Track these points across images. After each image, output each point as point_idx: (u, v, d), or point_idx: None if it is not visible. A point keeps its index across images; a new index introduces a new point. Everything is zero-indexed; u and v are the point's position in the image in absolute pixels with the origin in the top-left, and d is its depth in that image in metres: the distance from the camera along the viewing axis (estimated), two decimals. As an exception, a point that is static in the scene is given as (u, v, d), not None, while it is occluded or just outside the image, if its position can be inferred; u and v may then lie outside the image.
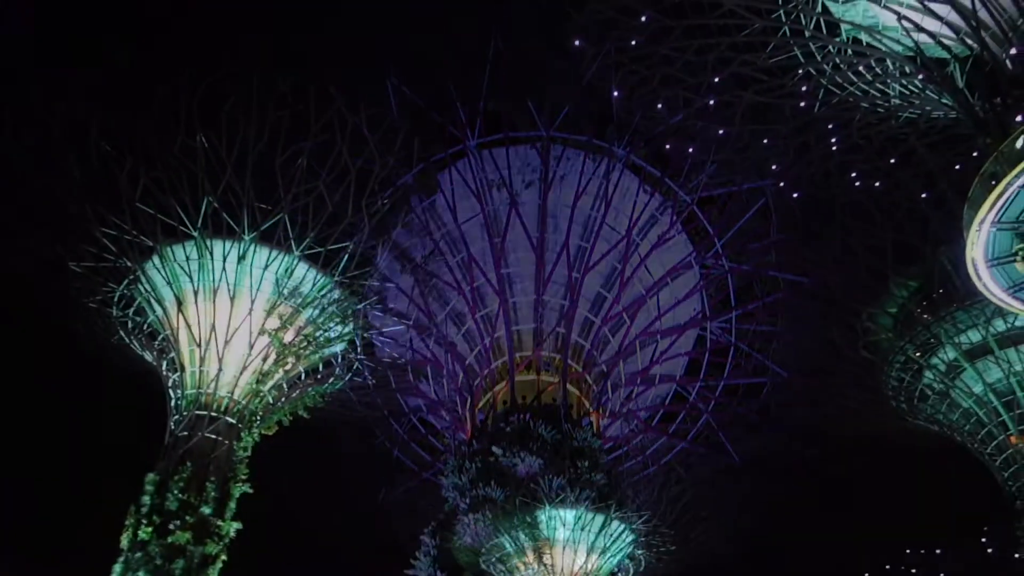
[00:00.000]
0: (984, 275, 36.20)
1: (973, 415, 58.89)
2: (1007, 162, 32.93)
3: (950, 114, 44.89)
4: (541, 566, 56.01)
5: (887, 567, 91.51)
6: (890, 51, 42.49)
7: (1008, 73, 37.26)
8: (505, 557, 58.96)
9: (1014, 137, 33.54)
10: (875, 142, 51.66)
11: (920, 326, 59.88)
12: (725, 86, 48.82)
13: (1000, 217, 33.60)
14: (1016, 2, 36.91)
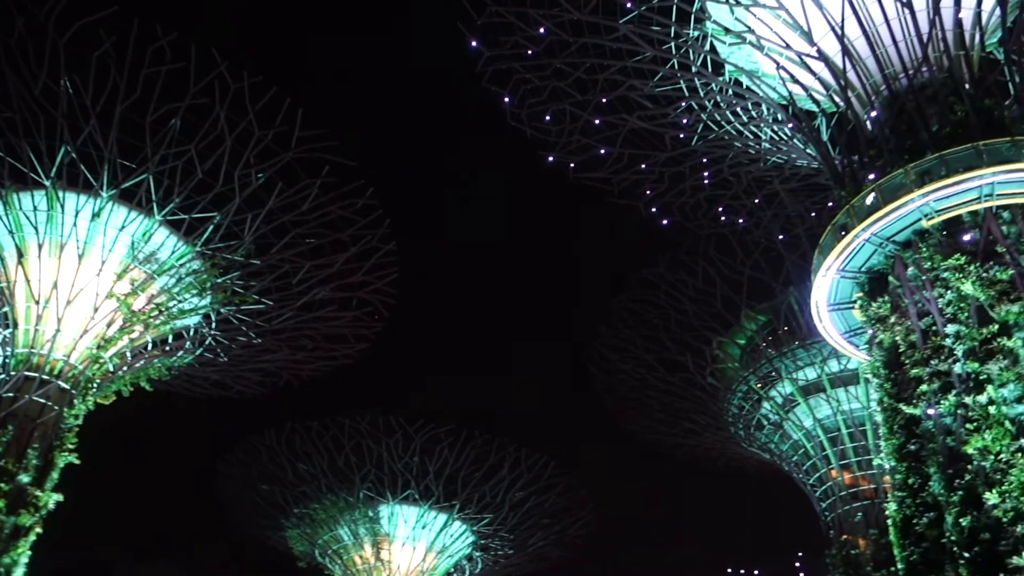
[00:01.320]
0: (825, 318, 38.73)
1: (801, 447, 62.86)
2: (856, 216, 35.40)
3: (812, 164, 47.84)
4: (378, 561, 55.46)
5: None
6: (766, 97, 44.87)
7: (867, 134, 40.09)
8: (342, 550, 58.14)
9: (865, 193, 36.13)
10: (743, 181, 54.39)
11: (764, 359, 63.43)
12: (611, 107, 50.17)
13: (845, 266, 36.06)
14: (881, 69, 39.79)
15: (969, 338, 30.89)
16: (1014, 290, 30.90)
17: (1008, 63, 39.02)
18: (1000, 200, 32.68)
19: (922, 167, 34.17)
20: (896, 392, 33.30)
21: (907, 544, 30.99)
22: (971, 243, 32.74)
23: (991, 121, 36.22)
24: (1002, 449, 28.04)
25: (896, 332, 33.98)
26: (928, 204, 33.23)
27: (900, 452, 32.23)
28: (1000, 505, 27.28)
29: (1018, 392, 28.90)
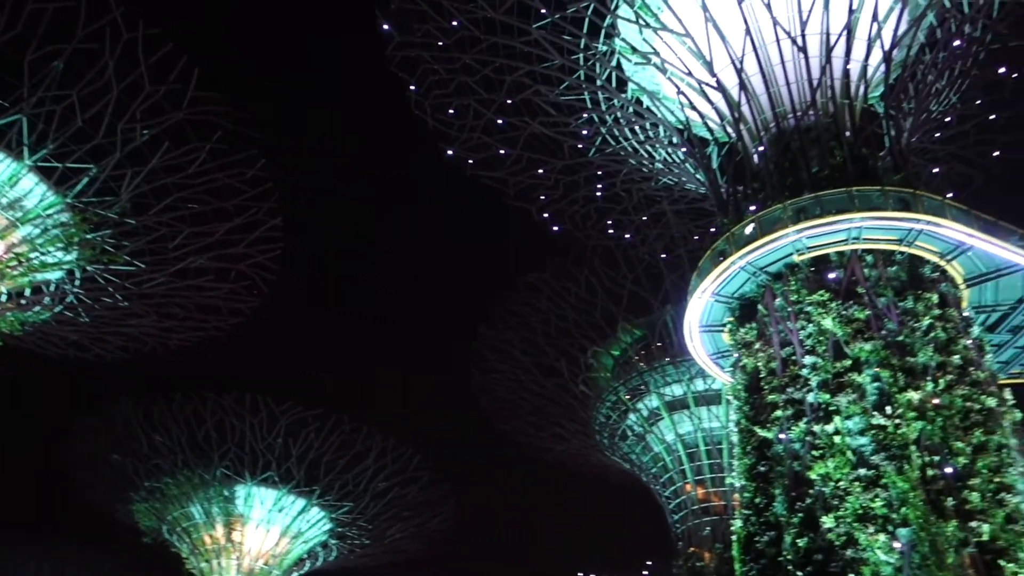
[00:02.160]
0: (696, 338, 40.21)
1: (661, 460, 65.06)
2: (735, 244, 36.94)
3: (700, 189, 49.57)
4: (229, 543, 53.85)
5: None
6: (664, 119, 46.20)
7: (753, 167, 41.91)
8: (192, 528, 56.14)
9: (745, 223, 37.77)
10: (634, 197, 55.80)
11: (635, 372, 65.30)
12: (515, 109, 50.50)
13: (719, 290, 37.56)
14: (773, 107, 41.69)
15: (824, 370, 32.72)
16: (868, 329, 32.93)
17: (886, 117, 41.55)
18: (865, 244, 34.76)
19: (799, 205, 35.99)
20: (753, 415, 34.92)
21: (747, 560, 32.54)
22: (835, 281, 34.68)
23: (865, 169, 38.54)
24: (842, 477, 29.84)
25: (759, 358, 35.62)
26: (801, 240, 35.02)
27: (750, 472, 33.83)
28: (835, 529, 29.02)
29: (862, 425, 30.80)
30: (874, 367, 32.09)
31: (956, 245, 34.47)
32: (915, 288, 34.29)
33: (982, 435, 30.65)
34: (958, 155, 50.37)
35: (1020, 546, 28.25)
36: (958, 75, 44.82)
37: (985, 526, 28.42)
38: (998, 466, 29.89)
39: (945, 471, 29.75)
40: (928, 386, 31.49)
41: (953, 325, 33.94)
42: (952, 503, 28.99)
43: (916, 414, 30.63)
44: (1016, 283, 36.82)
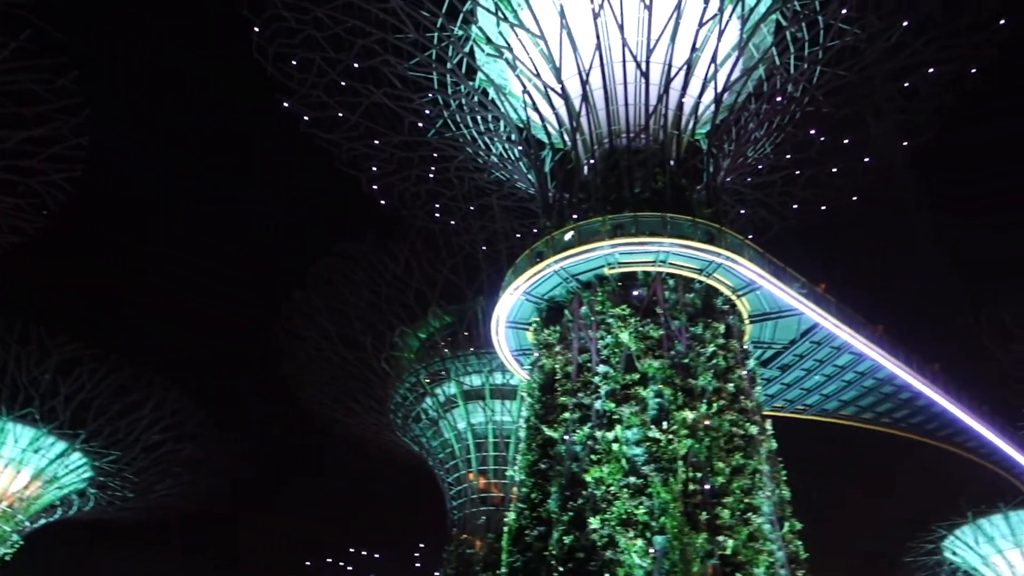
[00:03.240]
0: (501, 332, 41.05)
1: (450, 447, 65.98)
2: (553, 248, 38.06)
3: (529, 190, 50.60)
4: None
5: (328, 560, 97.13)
6: (506, 115, 46.76)
7: (582, 177, 43.34)
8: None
9: (566, 230, 39.03)
10: (465, 185, 56.12)
11: (438, 357, 65.76)
12: (361, 75, 49.27)
13: (531, 290, 38.54)
14: (609, 124, 43.26)
15: (614, 380, 34.38)
16: (659, 348, 34.95)
17: (708, 154, 44.27)
18: (671, 268, 36.87)
19: (618, 221, 37.60)
20: (543, 414, 36.10)
21: (515, 551, 33.63)
22: (638, 299, 36.53)
23: (682, 199, 40.87)
24: (613, 482, 31.50)
25: (557, 360, 36.89)
26: (614, 255, 36.61)
27: (531, 468, 34.97)
28: (599, 530, 30.58)
29: (639, 436, 32.64)
30: (659, 384, 34.10)
31: (748, 283, 37.33)
32: (707, 316, 36.80)
33: (741, 458, 33.34)
34: (763, 201, 54.58)
35: (757, 562, 30.98)
36: (775, 128, 48.47)
37: (730, 541, 30.94)
38: (750, 488, 32.62)
39: (704, 487, 32.09)
40: (703, 408, 33.87)
41: (733, 355, 36.69)
42: (705, 517, 31.31)
43: (688, 432, 32.84)
44: (792, 326, 40.46)
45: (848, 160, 52.57)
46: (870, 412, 49.24)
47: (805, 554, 34.39)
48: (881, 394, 47.01)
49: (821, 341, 41.24)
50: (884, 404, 48.37)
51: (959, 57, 46.34)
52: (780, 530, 33.90)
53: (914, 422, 50.35)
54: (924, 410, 48.37)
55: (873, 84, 47.68)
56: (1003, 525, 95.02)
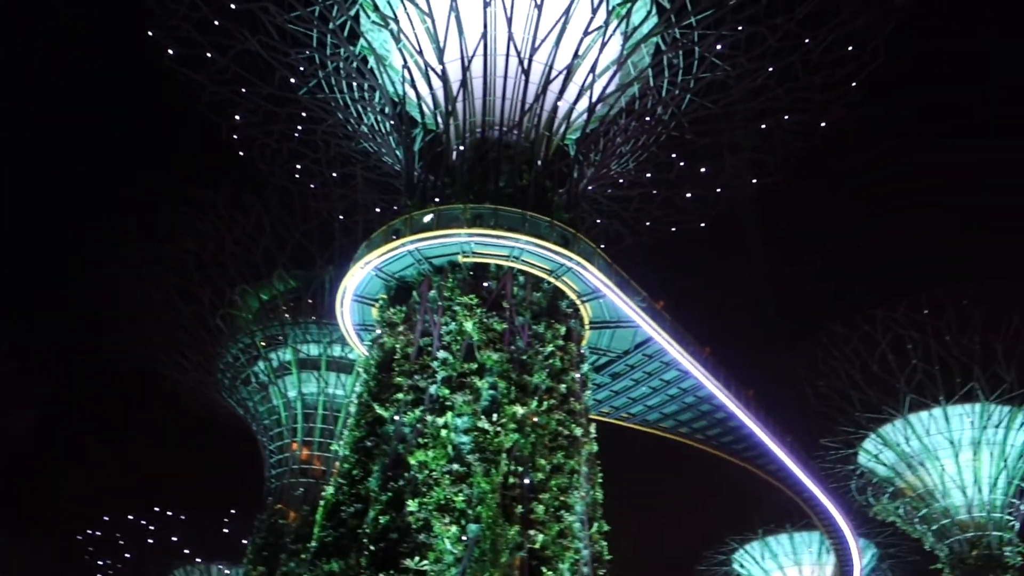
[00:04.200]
0: (347, 305, 40.45)
1: (277, 414, 64.37)
2: (411, 227, 37.86)
3: (396, 167, 50.03)
4: None
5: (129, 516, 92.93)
6: (383, 87, 46.00)
7: (450, 162, 43.35)
8: None
9: (426, 212, 38.97)
10: (331, 150, 54.70)
11: (277, 322, 63.95)
12: (236, 17, 46.98)
13: (383, 266, 38.21)
14: (484, 114, 43.47)
15: (452, 368, 34.65)
16: (500, 341, 35.53)
17: (575, 160, 45.36)
18: (523, 265, 37.55)
19: (479, 211, 37.89)
20: (376, 391, 35.90)
21: (328, 526, 33.31)
22: (487, 290, 36.98)
23: (543, 199, 41.66)
24: (437, 468, 31.77)
25: (399, 340, 36.76)
26: (470, 243, 36.88)
27: (356, 444, 34.73)
28: (416, 513, 30.74)
29: (468, 425, 33.10)
30: (495, 376, 34.70)
31: (593, 290, 38.60)
32: (550, 317, 37.78)
33: (563, 457, 34.45)
34: (619, 214, 56.46)
35: (563, 558, 32.11)
36: (640, 146, 50.27)
37: (541, 536, 31.91)
38: (567, 487, 33.75)
39: (524, 482, 32.97)
40: (533, 404, 34.77)
41: (570, 358, 37.87)
42: (521, 510, 32.17)
43: (516, 426, 33.63)
44: (628, 336, 42.20)
45: (702, 187, 55.21)
46: (686, 427, 52.14)
47: (609, 555, 35.99)
48: (699, 411, 49.88)
49: (652, 355, 43.25)
50: (700, 421, 51.36)
51: (812, 110, 49.65)
52: (589, 530, 35.31)
53: (724, 441, 53.76)
54: (734, 431, 51.76)
55: (734, 120, 50.32)
56: (787, 544, 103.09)
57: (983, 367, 71.98)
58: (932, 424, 75.95)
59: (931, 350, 72.78)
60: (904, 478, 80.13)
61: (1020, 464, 77.72)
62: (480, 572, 30.09)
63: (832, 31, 45.17)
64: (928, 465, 77.52)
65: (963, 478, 76.29)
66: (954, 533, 76.99)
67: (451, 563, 29.98)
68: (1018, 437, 75.64)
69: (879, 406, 76.64)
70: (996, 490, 76.63)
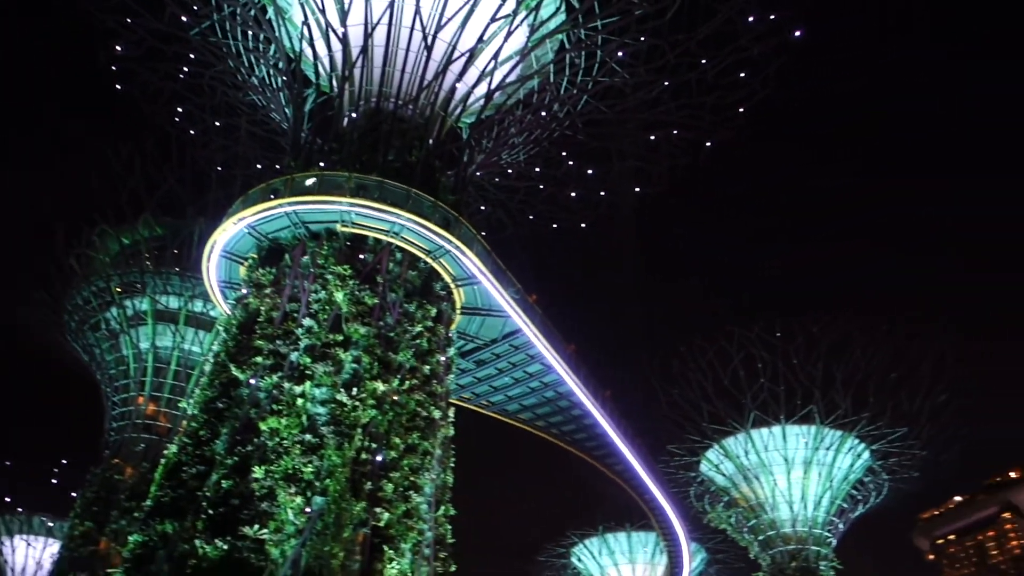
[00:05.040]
0: (214, 260, 38.86)
1: (125, 365, 61.20)
2: (292, 189, 36.74)
3: (283, 124, 48.47)
4: None
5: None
6: (280, 40, 44.37)
7: (340, 128, 42.32)
8: None
9: (310, 175, 37.92)
10: (217, 98, 52.38)
11: (137, 268, 60.83)
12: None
13: (257, 225, 36.91)
14: (381, 84, 42.68)
15: (316, 337, 33.93)
16: (370, 316, 35.06)
17: (467, 144, 45.27)
18: (402, 242, 37.15)
19: (363, 181, 37.20)
20: (234, 353, 34.69)
21: (167, 485, 31.95)
22: (362, 263, 36.39)
23: (430, 179, 41.34)
24: (288, 437, 31.04)
25: (265, 303, 35.64)
26: (351, 213, 36.17)
27: (207, 405, 33.48)
28: (261, 481, 29.94)
29: (326, 396, 32.50)
30: (359, 350, 34.22)
31: (469, 276, 38.65)
32: (423, 297, 37.57)
33: (418, 438, 34.39)
34: (503, 204, 56.80)
35: (407, 538, 32.04)
36: (532, 140, 50.73)
37: (386, 514, 31.72)
38: (418, 467, 33.73)
39: (376, 459, 32.67)
40: (395, 383, 34.48)
41: (437, 340, 37.82)
42: (369, 487, 31.88)
43: (375, 403, 33.28)
44: (498, 326, 42.57)
45: (587, 189, 56.27)
46: (543, 420, 53.18)
47: (452, 539, 36.26)
48: (557, 406, 50.98)
49: (519, 346, 43.82)
50: (556, 416, 52.50)
51: (700, 128, 51.41)
52: (435, 512, 35.41)
53: (576, 437, 55.18)
54: (587, 429, 53.21)
55: (626, 127, 51.49)
56: (625, 542, 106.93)
57: (823, 392, 76.88)
58: (771, 440, 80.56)
59: (779, 371, 77.12)
60: (739, 489, 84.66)
61: (844, 486, 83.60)
62: (321, 546, 29.65)
63: (729, 55, 46.89)
64: (763, 479, 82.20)
65: (792, 494, 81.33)
66: (778, 544, 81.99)
67: (292, 534, 29.37)
68: (845, 460, 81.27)
69: (725, 419, 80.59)
70: (820, 508, 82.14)
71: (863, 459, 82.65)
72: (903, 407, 77.46)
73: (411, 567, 32.04)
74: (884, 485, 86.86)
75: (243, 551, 28.59)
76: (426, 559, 33.54)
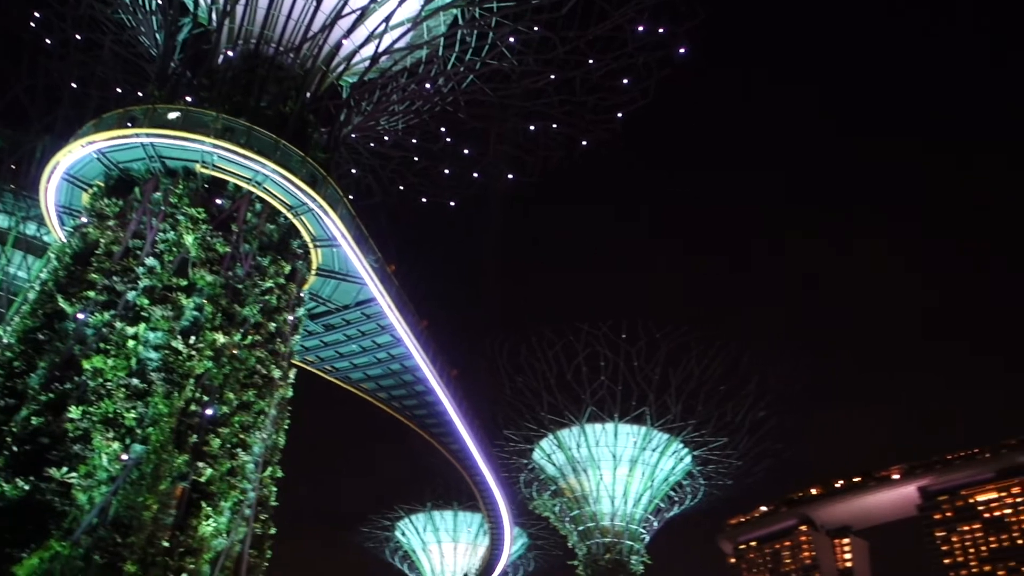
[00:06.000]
0: (54, 182, 36.05)
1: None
2: (151, 119, 34.59)
3: (152, 50, 45.61)
4: None
5: None
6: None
7: (214, 64, 40.33)
8: None
9: (174, 108, 35.94)
10: (80, 8, 48.46)
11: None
12: None
13: (108, 151, 34.58)
14: (264, 27, 40.94)
15: (158, 278, 32.26)
16: (219, 265, 33.63)
17: (345, 103, 44.17)
18: (263, 193, 35.82)
19: (231, 124, 35.55)
20: (65, 284, 32.45)
21: (-32, 416, 29.57)
22: (219, 209, 34.86)
23: (303, 133, 40.12)
24: (113, 378, 29.39)
25: (106, 235, 33.51)
26: (213, 155, 34.53)
27: (26, 335, 31.11)
28: (76, 421, 28.24)
29: (161, 341, 30.98)
30: (203, 298, 32.82)
31: (329, 237, 37.78)
32: (278, 253, 36.42)
33: (254, 396, 33.28)
34: (376, 170, 55.87)
35: (228, 496, 31.04)
36: (413, 111, 50.12)
37: (209, 470, 30.57)
38: (249, 426, 32.69)
39: (206, 412, 31.45)
40: (237, 336, 33.26)
41: (288, 299, 36.75)
42: (195, 440, 30.62)
43: (212, 354, 32.02)
44: (352, 292, 41.92)
45: (461, 168, 56.22)
46: (385, 392, 52.91)
47: (276, 501, 35.48)
48: (401, 380, 50.82)
49: (371, 315, 43.30)
50: (400, 389, 52.36)
51: (578, 126, 52.38)
52: (262, 473, 34.49)
53: (417, 413, 55.29)
54: (429, 406, 53.41)
55: (507, 113, 51.81)
56: (450, 520, 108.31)
57: (656, 396, 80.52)
58: (603, 436, 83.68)
59: (619, 371, 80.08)
60: (567, 480, 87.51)
61: (664, 486, 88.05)
62: (134, 496, 28.23)
63: (615, 60, 47.93)
64: (590, 472, 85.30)
65: (615, 489, 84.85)
66: (595, 536, 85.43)
67: (103, 480, 27.84)
68: (668, 462, 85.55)
69: (563, 411, 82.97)
70: (639, 505, 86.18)
71: (685, 463, 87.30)
72: (727, 418, 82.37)
73: (228, 526, 31.15)
74: (700, 489, 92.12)
75: (47, 493, 26.97)
76: (245, 519, 32.64)
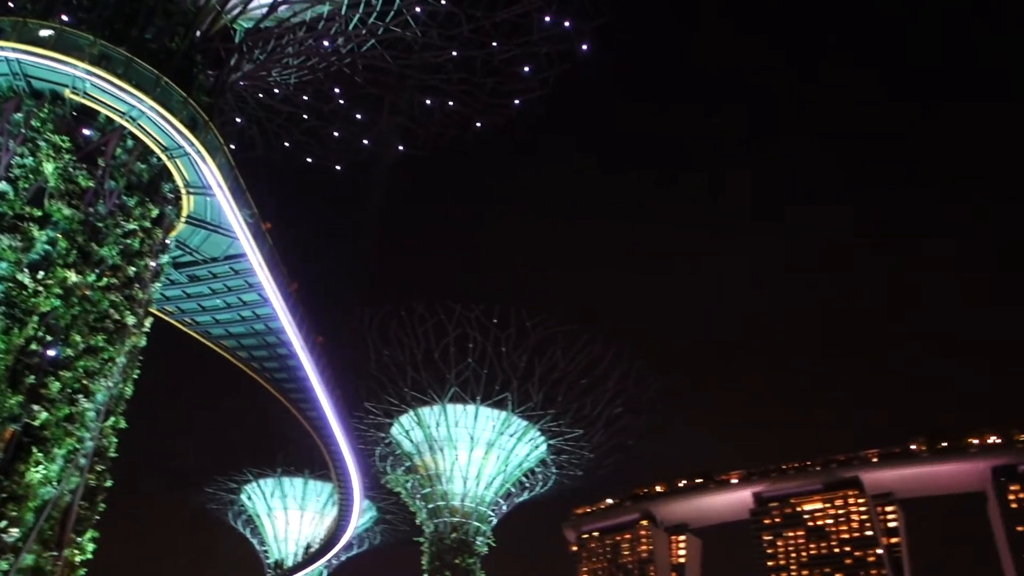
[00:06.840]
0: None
1: None
2: (21, 34, 31.86)
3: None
4: None
5: None
6: None
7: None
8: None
9: (48, 25, 33.25)
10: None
11: None
12: None
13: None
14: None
15: (10, 206, 30.11)
16: (80, 199, 31.59)
17: (237, 48, 42.33)
18: (136, 130, 33.80)
19: (107, 51, 33.23)
20: (-101, 198, 29.74)
21: None
22: (86, 140, 32.74)
23: (187, 73, 38.21)
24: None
25: (-47, 151, 30.92)
26: (86, 82, 32.32)
27: None
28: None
29: (4, 273, 28.95)
30: (58, 233, 30.82)
31: (205, 185, 36.16)
32: (147, 194, 34.59)
33: (103, 341, 31.52)
34: (261, 123, 53.75)
35: (62, 443, 29.30)
36: (308, 67, 48.53)
37: (45, 414, 28.78)
38: (94, 372, 30.93)
39: (47, 353, 29.59)
40: (91, 277, 31.40)
41: (151, 244, 34.98)
42: (32, 381, 28.78)
43: (61, 292, 30.15)
44: (222, 245, 40.37)
45: (352, 133, 54.96)
46: (246, 352, 51.34)
47: (115, 453, 33.85)
48: (264, 341, 49.41)
49: (240, 271, 41.83)
50: (261, 351, 50.93)
51: (474, 107, 52.24)
52: (103, 422, 32.79)
53: (277, 376, 53.94)
54: (290, 370, 52.18)
55: (404, 84, 51.01)
56: (300, 488, 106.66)
57: (520, 383, 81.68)
58: (463, 417, 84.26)
59: (487, 355, 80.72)
60: (423, 457, 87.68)
61: (517, 471, 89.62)
62: (-44, 433, 26.36)
63: (519, 47, 48.00)
64: (446, 452, 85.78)
65: (469, 471, 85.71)
66: (444, 515, 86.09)
67: (-77, 415, 25.84)
68: (524, 449, 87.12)
69: (426, 388, 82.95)
70: (491, 488, 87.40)
71: (540, 450, 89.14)
72: (584, 411, 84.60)
73: (60, 475, 29.45)
74: (551, 477, 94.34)
75: None
76: (80, 469, 30.96)
